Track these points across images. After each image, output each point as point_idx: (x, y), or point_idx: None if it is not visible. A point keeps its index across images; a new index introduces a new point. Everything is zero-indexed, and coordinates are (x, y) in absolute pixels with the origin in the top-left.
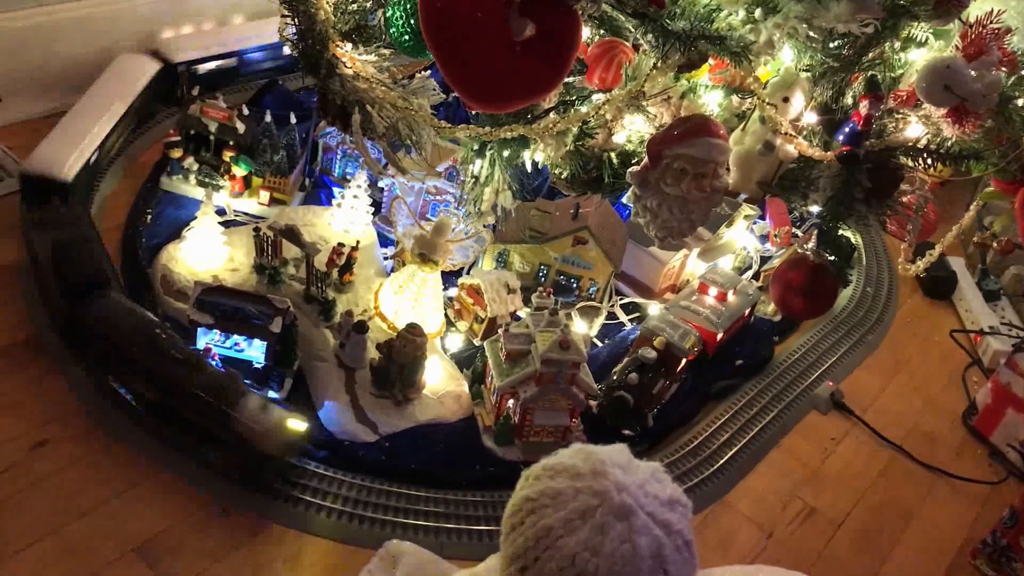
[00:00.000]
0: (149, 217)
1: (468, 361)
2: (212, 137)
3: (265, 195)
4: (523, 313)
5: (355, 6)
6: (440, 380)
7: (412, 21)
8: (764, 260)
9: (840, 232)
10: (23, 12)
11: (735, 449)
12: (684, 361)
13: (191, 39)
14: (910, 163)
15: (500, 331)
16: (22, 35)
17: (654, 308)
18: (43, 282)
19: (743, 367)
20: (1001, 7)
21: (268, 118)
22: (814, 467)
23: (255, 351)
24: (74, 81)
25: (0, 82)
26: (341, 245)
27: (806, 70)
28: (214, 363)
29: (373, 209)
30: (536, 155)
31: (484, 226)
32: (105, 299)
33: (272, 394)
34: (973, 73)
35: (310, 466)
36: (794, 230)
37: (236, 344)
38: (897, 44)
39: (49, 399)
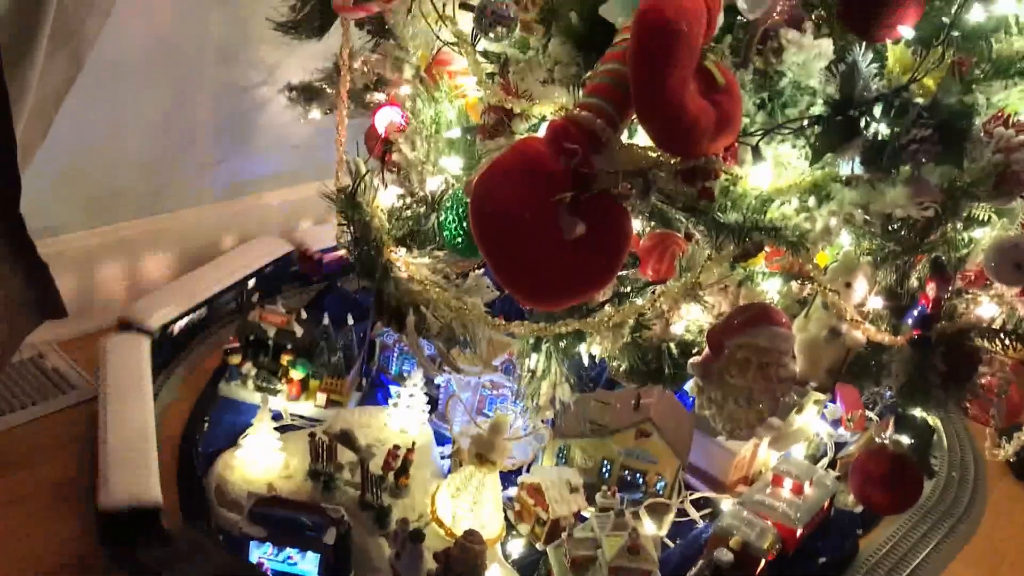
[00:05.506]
0: (206, 424)
1: (532, 568)
2: (270, 342)
3: (322, 397)
4: (588, 513)
5: (409, 212)
6: None
7: (465, 224)
8: (839, 446)
9: (918, 417)
10: (99, 230)
11: None
12: (763, 561)
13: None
14: (987, 344)
15: (564, 535)
16: (93, 252)
17: (726, 503)
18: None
19: (827, 565)
20: None
21: (326, 320)
22: None
23: (308, 564)
24: (132, 293)
25: (68, 297)
26: (396, 447)
27: (867, 254)
28: None
29: (429, 407)
30: (593, 348)
31: (543, 421)
32: None
33: None
34: None
35: None
36: (868, 413)
37: (289, 557)
38: (959, 224)
39: None
